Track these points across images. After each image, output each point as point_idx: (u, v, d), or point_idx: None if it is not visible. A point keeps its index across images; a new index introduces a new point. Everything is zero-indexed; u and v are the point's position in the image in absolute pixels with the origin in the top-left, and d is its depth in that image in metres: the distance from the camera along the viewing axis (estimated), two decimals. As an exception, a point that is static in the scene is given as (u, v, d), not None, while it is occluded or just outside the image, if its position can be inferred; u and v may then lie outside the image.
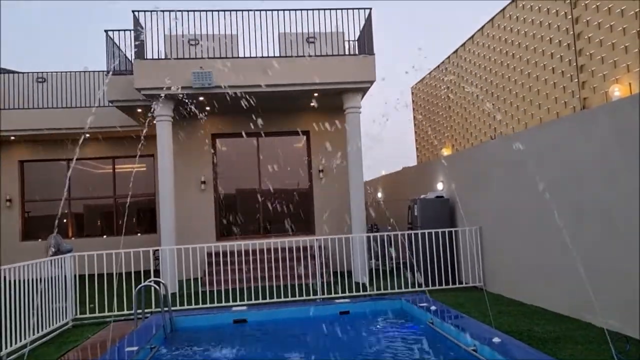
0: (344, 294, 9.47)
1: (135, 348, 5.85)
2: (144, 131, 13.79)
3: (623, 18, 8.75)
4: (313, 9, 11.50)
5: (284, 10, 11.37)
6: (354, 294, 9.54)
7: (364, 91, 12.04)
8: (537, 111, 11.44)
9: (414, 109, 20.04)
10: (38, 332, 7.04)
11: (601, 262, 6.38)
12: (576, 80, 10.00)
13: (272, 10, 11.32)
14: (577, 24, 9.95)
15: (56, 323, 7.70)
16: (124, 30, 11.65)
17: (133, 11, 11.03)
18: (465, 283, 9.91)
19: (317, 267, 9.95)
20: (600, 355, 5.22)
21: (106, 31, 11.68)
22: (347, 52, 12.57)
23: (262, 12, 11.25)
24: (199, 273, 10.91)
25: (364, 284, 10.49)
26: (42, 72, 15.31)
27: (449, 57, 16.65)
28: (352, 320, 7.62)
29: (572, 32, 10.09)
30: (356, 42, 12.46)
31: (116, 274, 8.61)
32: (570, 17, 10.13)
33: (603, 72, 9.26)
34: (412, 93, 20.08)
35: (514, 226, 8.59)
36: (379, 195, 17.64)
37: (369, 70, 11.53)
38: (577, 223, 6.78)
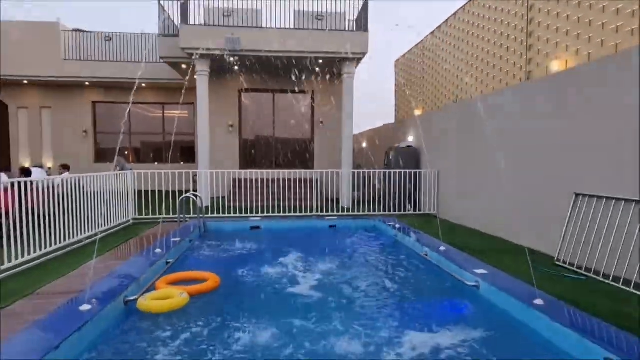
0: (332, 213, 9.69)
1: (178, 239, 6.07)
2: (187, 81, 13.53)
3: (568, 6, 8.36)
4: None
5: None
6: (340, 213, 9.75)
7: (358, 61, 11.71)
8: (491, 82, 11.19)
9: (395, 77, 19.53)
10: (108, 224, 7.30)
11: (525, 196, 6.49)
12: (525, 57, 9.71)
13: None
14: (531, 10, 9.53)
15: (121, 220, 7.96)
16: (173, 0, 11.19)
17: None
18: (424, 211, 10.11)
19: (313, 193, 10.13)
20: (515, 261, 5.44)
21: (158, 1, 11.21)
22: (347, 29, 12.10)
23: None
24: (226, 193, 11.06)
25: (348, 208, 10.71)
26: (109, 32, 14.80)
27: (426, 37, 16.05)
28: (338, 231, 7.84)
29: (526, 18, 9.68)
30: (354, 21, 11.98)
31: (164, 190, 8.72)
32: (526, 4, 9.68)
33: (547, 50, 8.97)
34: (395, 65, 19.51)
35: (463, 170, 8.65)
36: (364, 145, 17.58)
37: (363, 44, 11.18)
38: (512, 167, 6.83)
